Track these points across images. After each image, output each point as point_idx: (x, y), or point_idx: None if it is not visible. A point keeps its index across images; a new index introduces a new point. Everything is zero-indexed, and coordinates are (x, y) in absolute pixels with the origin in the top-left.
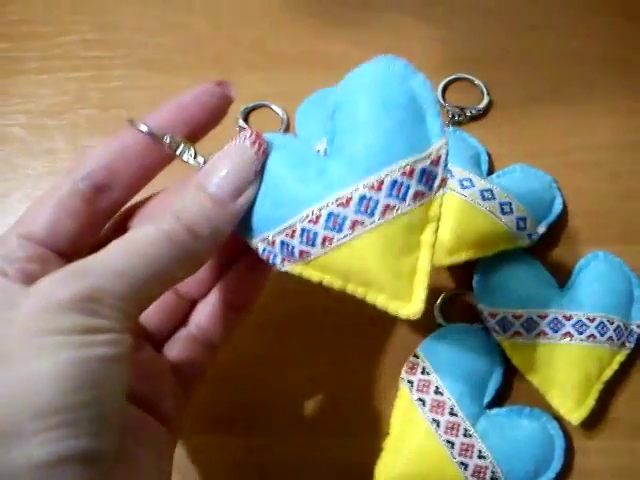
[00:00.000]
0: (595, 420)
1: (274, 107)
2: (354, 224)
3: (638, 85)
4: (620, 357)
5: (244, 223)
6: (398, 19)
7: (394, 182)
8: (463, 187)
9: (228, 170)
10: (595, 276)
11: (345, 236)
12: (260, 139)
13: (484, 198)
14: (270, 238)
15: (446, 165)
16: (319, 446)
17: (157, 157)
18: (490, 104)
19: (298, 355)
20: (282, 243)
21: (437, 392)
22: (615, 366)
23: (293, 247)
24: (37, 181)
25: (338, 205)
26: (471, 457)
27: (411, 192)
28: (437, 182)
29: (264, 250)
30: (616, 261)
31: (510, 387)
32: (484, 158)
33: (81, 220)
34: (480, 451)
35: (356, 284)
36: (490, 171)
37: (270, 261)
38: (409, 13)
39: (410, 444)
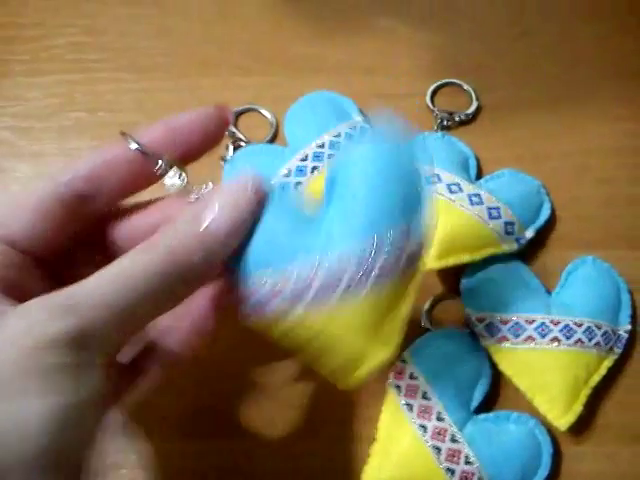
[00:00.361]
0: (583, 426)
1: (263, 111)
2: (346, 288)
3: (627, 92)
4: (608, 362)
5: (236, 260)
6: (389, 25)
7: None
8: (451, 192)
9: (223, 207)
10: (583, 281)
11: (329, 302)
12: (258, 182)
13: (472, 203)
14: (262, 279)
15: (424, 246)
16: (306, 451)
17: (144, 174)
18: (479, 109)
19: (283, 357)
20: (271, 287)
21: (424, 397)
22: (603, 371)
23: (285, 294)
24: (25, 184)
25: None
26: (458, 463)
27: (400, 269)
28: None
29: (251, 285)
30: (604, 266)
31: (498, 392)
32: (472, 163)
33: (59, 226)
34: (467, 457)
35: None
36: (478, 176)
37: (252, 299)
38: (400, 20)
39: (397, 449)
